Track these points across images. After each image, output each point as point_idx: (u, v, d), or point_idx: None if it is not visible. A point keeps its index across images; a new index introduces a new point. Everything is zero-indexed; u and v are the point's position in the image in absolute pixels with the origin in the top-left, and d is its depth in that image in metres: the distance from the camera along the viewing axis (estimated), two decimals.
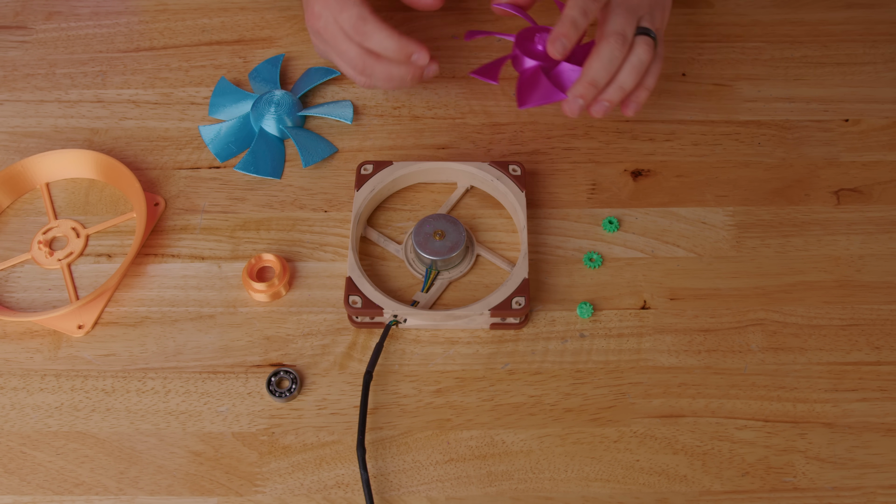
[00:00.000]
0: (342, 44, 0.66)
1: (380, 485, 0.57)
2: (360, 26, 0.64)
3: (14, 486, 0.57)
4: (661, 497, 0.57)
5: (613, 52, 0.62)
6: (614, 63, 0.62)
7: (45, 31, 0.80)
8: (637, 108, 0.65)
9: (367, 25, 0.64)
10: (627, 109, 0.65)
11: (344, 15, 0.65)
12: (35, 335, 0.63)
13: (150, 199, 0.69)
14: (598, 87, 0.62)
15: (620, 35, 0.62)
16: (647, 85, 0.65)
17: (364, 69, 0.66)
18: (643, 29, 0.63)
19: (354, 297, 0.61)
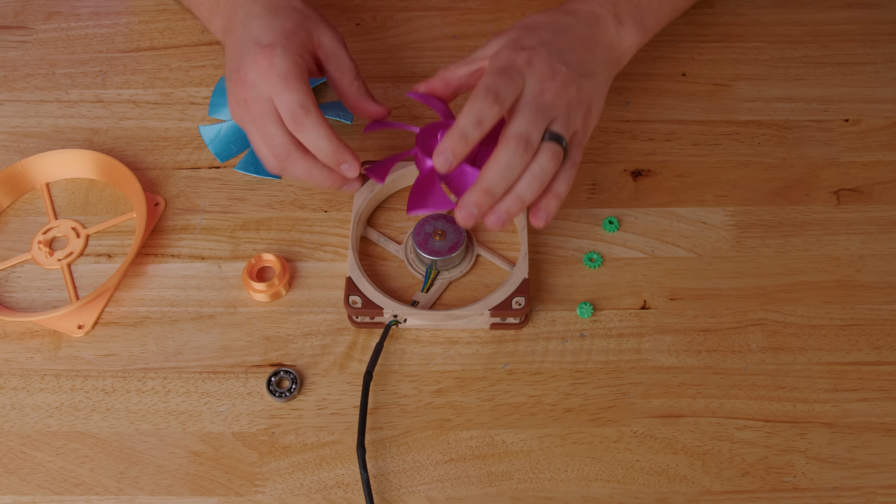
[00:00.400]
0: (270, 126, 0.59)
1: (380, 485, 0.57)
2: (299, 116, 0.58)
3: (14, 486, 0.57)
4: (661, 497, 0.57)
5: (513, 157, 0.54)
6: (513, 170, 0.55)
7: (46, 31, 0.80)
8: (547, 218, 0.57)
9: (307, 118, 0.58)
10: (536, 220, 0.58)
11: (285, 97, 0.58)
12: (35, 335, 0.63)
13: (150, 199, 0.69)
14: (494, 196, 0.55)
15: (523, 139, 0.54)
16: (558, 192, 0.58)
17: (285, 159, 0.60)
18: (553, 134, 0.56)
19: (354, 297, 0.61)
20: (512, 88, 0.56)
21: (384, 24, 0.80)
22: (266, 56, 0.59)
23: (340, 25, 0.80)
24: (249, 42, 0.61)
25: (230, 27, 0.63)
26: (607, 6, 0.64)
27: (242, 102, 0.60)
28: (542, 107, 0.56)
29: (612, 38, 0.64)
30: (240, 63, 0.60)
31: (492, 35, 0.78)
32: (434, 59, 0.78)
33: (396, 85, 0.76)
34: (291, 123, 0.59)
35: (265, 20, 0.61)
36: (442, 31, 0.80)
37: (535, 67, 0.57)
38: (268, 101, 0.59)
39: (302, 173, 0.60)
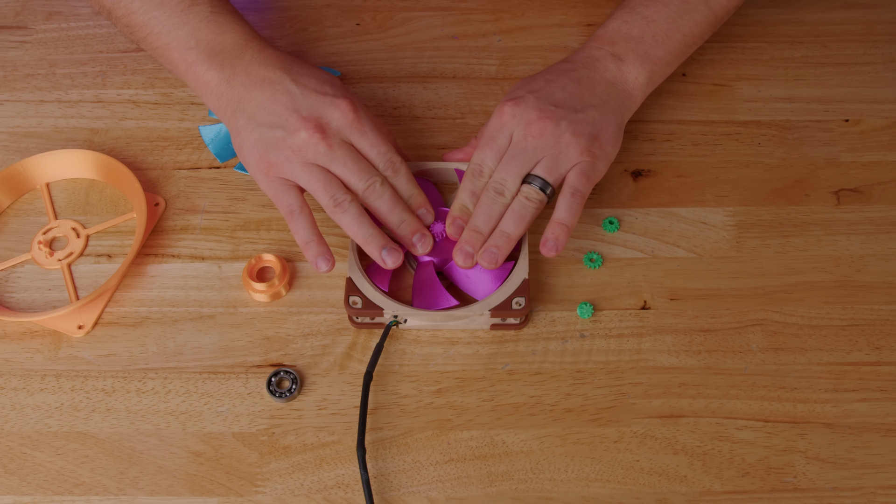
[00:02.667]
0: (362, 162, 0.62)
1: (380, 485, 0.57)
2: (397, 163, 0.63)
3: (14, 486, 0.57)
4: (662, 497, 0.57)
5: (489, 203, 0.62)
6: (493, 212, 0.62)
7: (46, 32, 0.80)
8: (556, 247, 0.61)
9: (402, 165, 0.63)
10: (545, 250, 0.61)
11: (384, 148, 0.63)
12: (35, 335, 0.63)
13: (151, 199, 0.69)
14: (482, 233, 0.62)
15: (496, 186, 0.62)
16: (563, 221, 0.61)
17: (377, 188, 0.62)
18: (534, 177, 0.62)
19: (355, 298, 0.61)
20: (495, 155, 0.63)
21: (384, 24, 0.80)
22: (351, 108, 0.62)
23: (340, 25, 0.80)
24: (314, 94, 0.62)
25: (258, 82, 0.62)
26: (604, 47, 0.68)
27: (323, 147, 0.60)
28: (522, 153, 0.62)
29: (614, 73, 0.67)
30: (310, 113, 0.61)
31: (492, 35, 0.79)
32: (434, 59, 0.78)
33: (396, 85, 0.76)
34: (389, 170, 0.62)
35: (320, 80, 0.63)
36: (442, 31, 0.80)
37: (520, 117, 0.63)
38: (350, 145, 0.62)
39: (388, 203, 0.62)
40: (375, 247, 0.61)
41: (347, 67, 0.77)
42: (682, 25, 0.69)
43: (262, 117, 0.61)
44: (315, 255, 0.60)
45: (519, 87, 0.66)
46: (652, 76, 0.68)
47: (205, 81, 0.65)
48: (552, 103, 0.63)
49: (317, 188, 0.61)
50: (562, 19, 0.80)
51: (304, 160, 0.60)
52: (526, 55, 0.78)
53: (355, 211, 0.61)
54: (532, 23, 0.80)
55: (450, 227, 0.63)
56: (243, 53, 0.64)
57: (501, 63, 0.77)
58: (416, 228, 0.62)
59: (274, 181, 0.61)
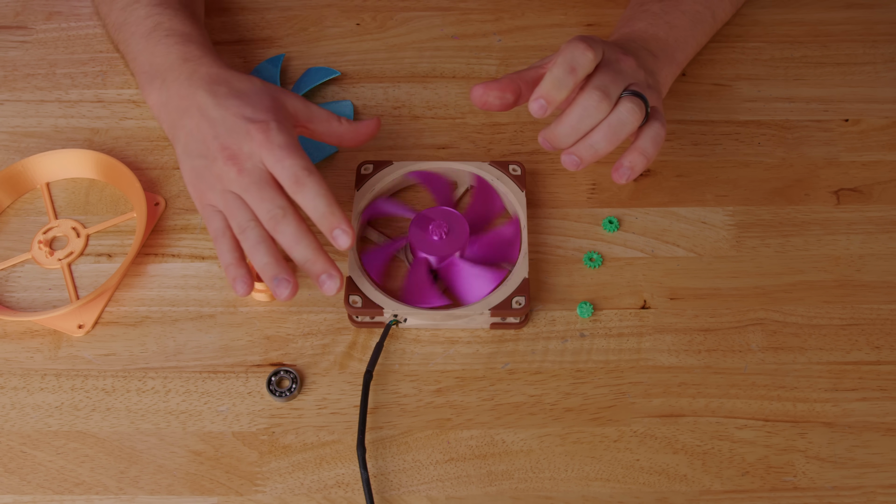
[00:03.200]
0: (268, 190, 0.58)
1: (380, 484, 0.57)
2: (302, 177, 0.57)
3: (14, 485, 0.57)
4: (662, 496, 0.57)
5: (588, 108, 0.56)
6: (586, 120, 0.56)
7: (46, 32, 0.80)
8: (629, 175, 0.58)
9: (310, 177, 0.57)
10: (618, 175, 0.59)
11: (287, 163, 0.58)
12: (35, 335, 0.63)
13: (151, 198, 0.69)
14: (559, 143, 0.58)
15: (602, 90, 0.56)
16: (644, 150, 0.58)
17: (281, 220, 0.57)
18: (634, 91, 0.58)
19: (355, 297, 0.61)
20: (597, 42, 0.57)
21: (384, 24, 0.80)
22: (261, 130, 0.59)
23: (340, 25, 0.80)
24: (234, 118, 0.60)
25: (187, 108, 0.62)
26: (639, 42, 0.66)
27: (234, 174, 0.58)
28: (620, 70, 0.58)
29: (650, 63, 0.65)
30: (227, 142, 0.59)
31: (492, 35, 0.79)
32: (434, 59, 0.78)
33: (396, 85, 0.76)
34: (293, 185, 0.57)
35: (242, 100, 0.61)
36: (442, 31, 0.80)
37: (609, 46, 0.59)
38: (263, 171, 0.58)
39: (291, 238, 0.57)
40: (267, 277, 0.58)
41: (347, 67, 0.77)
42: (696, 34, 0.70)
43: (191, 147, 0.61)
44: (232, 277, 0.58)
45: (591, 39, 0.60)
46: (672, 78, 0.69)
47: (150, 105, 0.66)
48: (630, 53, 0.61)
49: (229, 216, 0.59)
50: (562, 19, 0.80)
51: (223, 188, 0.59)
52: (526, 55, 0.78)
53: (254, 238, 0.58)
54: (532, 23, 0.80)
55: (533, 104, 0.56)
56: (178, 76, 0.63)
57: (501, 63, 0.77)
58: (320, 270, 0.57)
59: (204, 208, 0.61)
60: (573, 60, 0.55)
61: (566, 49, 0.56)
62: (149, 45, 0.66)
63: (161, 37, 0.66)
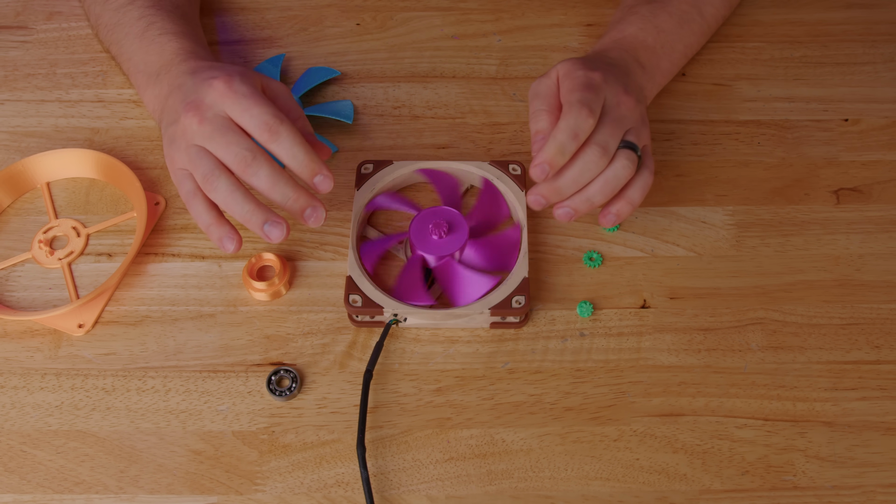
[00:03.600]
0: (231, 135, 0.57)
1: (380, 483, 0.57)
2: (274, 125, 0.56)
3: (14, 484, 0.57)
4: (662, 496, 0.57)
5: (589, 162, 0.58)
6: (586, 174, 0.58)
7: (46, 31, 0.80)
8: (615, 220, 0.60)
9: (282, 126, 0.56)
10: (605, 220, 0.61)
11: (255, 111, 0.56)
12: (35, 334, 0.63)
13: (151, 198, 0.69)
14: (562, 195, 0.59)
15: (602, 146, 0.58)
16: (631, 199, 0.60)
17: (251, 163, 0.56)
18: (628, 143, 0.60)
19: (355, 296, 0.61)
20: (599, 101, 0.59)
21: (384, 24, 0.80)
22: (224, 81, 0.58)
23: (340, 25, 0.80)
24: (199, 80, 0.59)
25: (171, 90, 0.62)
26: (629, 52, 0.68)
27: (195, 125, 0.57)
28: (620, 118, 0.60)
29: (640, 81, 0.67)
30: (191, 97, 0.58)
31: (492, 35, 0.79)
32: (434, 59, 0.78)
33: (396, 85, 0.76)
34: (265, 134, 0.56)
35: (214, 68, 0.61)
36: (442, 31, 0.80)
37: (610, 84, 0.61)
38: (226, 118, 0.57)
39: (267, 180, 0.56)
40: (255, 224, 0.57)
41: (347, 67, 0.77)
42: (683, 35, 0.71)
43: (167, 118, 0.61)
44: (218, 237, 0.58)
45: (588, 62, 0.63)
46: (658, 87, 0.70)
47: (147, 101, 0.67)
48: (627, 84, 0.63)
49: (192, 168, 0.58)
50: (562, 19, 0.80)
51: (186, 144, 0.58)
52: (526, 55, 0.78)
53: (224, 187, 0.56)
54: (532, 23, 0.80)
55: (535, 168, 0.57)
56: (170, 68, 0.64)
57: (501, 63, 0.77)
58: (304, 204, 0.57)
59: (175, 173, 0.60)
60: (577, 127, 0.57)
61: (569, 113, 0.57)
62: (143, 44, 0.67)
63: (155, 35, 0.67)
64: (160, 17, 0.68)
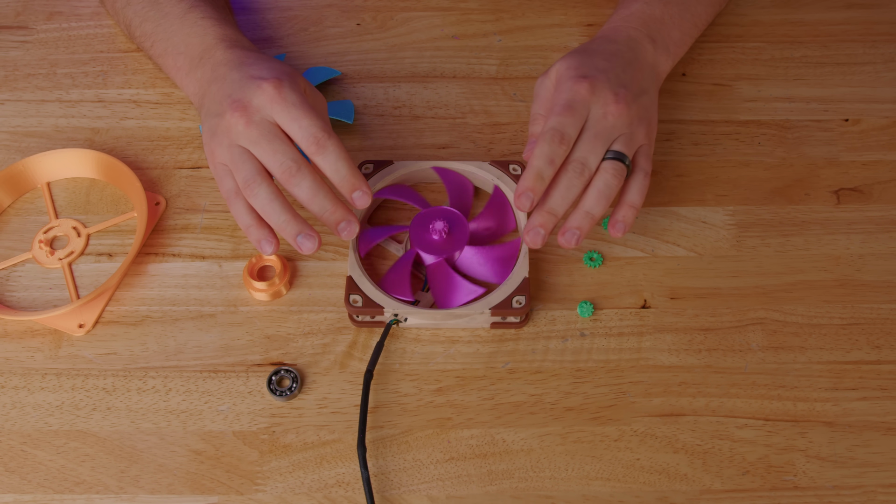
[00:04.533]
0: (278, 143, 0.58)
1: (380, 483, 0.57)
2: (322, 139, 0.58)
3: (15, 484, 0.57)
4: (662, 496, 0.57)
5: (571, 179, 0.59)
6: (572, 190, 0.59)
7: (47, 32, 0.80)
8: (625, 227, 0.61)
9: (330, 140, 0.58)
10: (614, 231, 0.61)
11: (305, 122, 0.58)
12: (36, 334, 0.63)
13: (151, 198, 0.69)
14: (557, 215, 0.60)
15: (579, 163, 0.59)
16: (632, 202, 0.61)
17: (296, 174, 0.58)
18: (615, 153, 0.60)
19: (355, 296, 0.61)
20: (576, 124, 0.60)
21: (385, 24, 0.80)
22: (274, 86, 0.59)
23: (341, 25, 0.80)
24: (247, 79, 0.60)
25: (214, 77, 0.63)
26: (641, 28, 0.68)
27: (241, 126, 0.58)
28: (603, 130, 0.60)
29: (651, 57, 0.67)
30: (238, 96, 0.59)
31: (492, 35, 0.79)
32: (434, 59, 0.78)
33: (397, 85, 0.76)
34: (313, 146, 0.58)
35: (261, 64, 0.62)
36: (442, 31, 0.80)
37: (598, 94, 0.61)
38: (273, 125, 0.59)
39: (309, 191, 0.58)
40: (289, 234, 0.58)
41: (348, 67, 0.77)
42: (690, 5, 0.71)
43: (210, 108, 0.62)
44: (256, 238, 0.59)
45: (583, 65, 0.63)
46: (672, 60, 0.70)
47: (186, 84, 0.67)
48: (622, 84, 0.62)
49: (234, 169, 0.59)
50: (562, 19, 0.80)
51: (230, 142, 0.59)
52: (526, 55, 0.78)
53: (265, 194, 0.58)
54: (532, 23, 0.80)
55: (520, 198, 0.59)
56: (213, 54, 0.65)
57: (501, 63, 0.78)
58: (340, 217, 0.58)
59: (216, 167, 0.61)
60: (551, 154, 0.59)
61: (542, 141, 0.59)
62: (184, 26, 0.67)
63: (197, 19, 0.67)
64: (202, 1, 0.69)
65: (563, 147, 0.59)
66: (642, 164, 0.62)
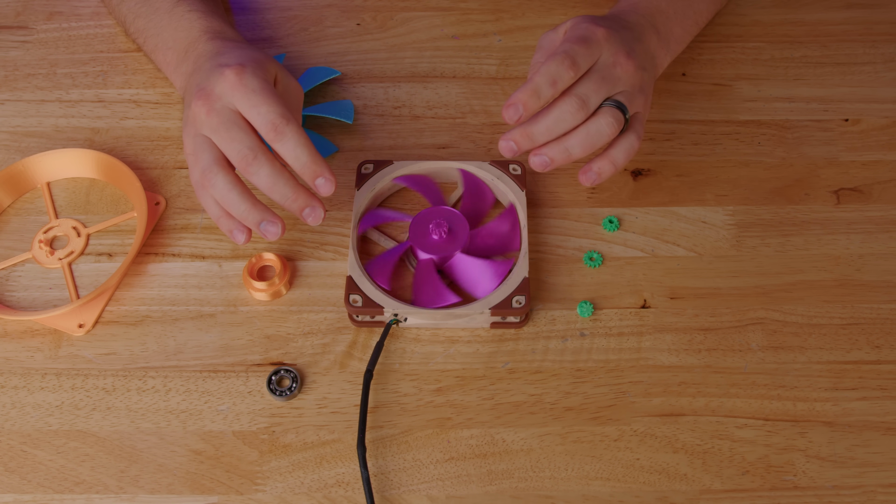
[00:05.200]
0: (236, 131, 0.57)
1: (380, 483, 0.57)
2: (280, 125, 0.56)
3: (15, 484, 0.57)
4: (662, 495, 0.57)
5: (565, 112, 0.57)
6: (561, 124, 0.58)
7: (47, 31, 0.80)
8: (595, 178, 0.59)
9: (288, 126, 0.56)
10: (583, 177, 0.60)
11: (263, 108, 0.56)
12: (36, 334, 0.63)
13: (151, 198, 0.69)
14: (534, 141, 0.58)
15: (581, 98, 0.57)
16: (614, 159, 0.60)
17: (252, 162, 0.56)
18: (617, 101, 0.59)
19: (355, 296, 0.61)
20: (588, 57, 0.58)
21: (384, 24, 0.80)
22: (235, 72, 0.57)
23: (341, 25, 0.80)
24: (214, 66, 0.59)
25: (194, 70, 0.63)
26: (646, 17, 0.67)
27: (203, 114, 0.57)
28: (611, 77, 0.59)
29: (655, 47, 0.66)
30: (204, 84, 0.58)
31: (492, 35, 0.79)
32: (434, 59, 0.78)
33: (397, 85, 0.76)
34: (270, 133, 0.56)
35: (232, 52, 0.61)
36: (442, 31, 0.80)
37: (612, 43, 0.60)
38: (233, 112, 0.57)
39: (267, 179, 0.57)
40: (252, 222, 0.57)
41: (348, 67, 0.77)
42: (693, 2, 0.71)
43: (186, 99, 0.62)
44: (228, 229, 0.58)
45: (600, 20, 0.62)
46: (672, 57, 0.69)
47: (174, 78, 0.67)
48: (632, 48, 0.62)
49: (195, 159, 0.58)
50: (562, 19, 0.80)
51: (195, 132, 0.59)
52: (526, 55, 0.78)
53: (223, 184, 0.57)
54: (532, 23, 0.80)
55: (508, 109, 0.57)
56: (197, 46, 0.65)
57: (501, 63, 0.78)
58: (303, 203, 0.57)
59: (187, 157, 0.60)
60: (556, 74, 0.57)
61: (551, 61, 0.57)
62: (172, 20, 0.67)
63: (184, 12, 0.67)
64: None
65: (571, 73, 0.57)
66: (636, 128, 0.61)
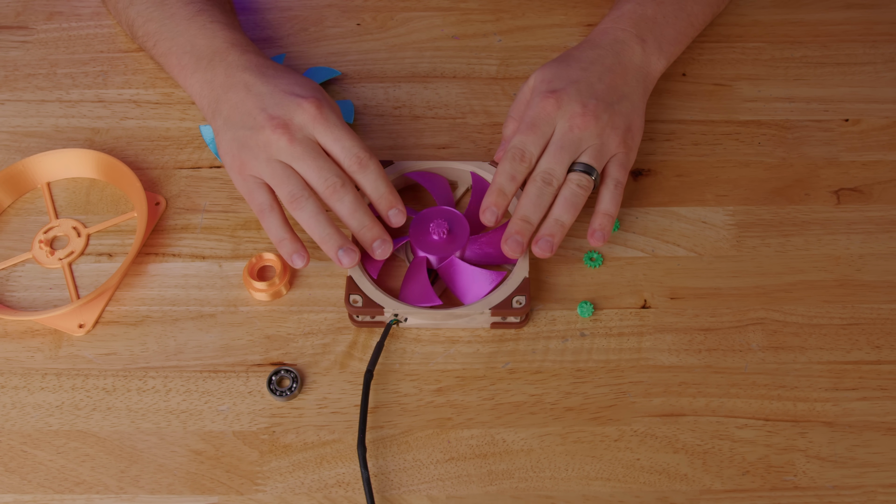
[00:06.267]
0: (322, 161, 0.61)
1: (380, 483, 0.57)
2: (364, 159, 0.61)
3: (15, 484, 0.57)
4: (662, 496, 0.57)
5: (539, 189, 0.61)
6: (543, 199, 0.61)
7: (47, 32, 0.80)
8: (603, 236, 0.62)
9: (371, 160, 0.61)
10: (593, 240, 0.63)
11: (347, 143, 0.61)
12: (36, 334, 0.63)
13: (151, 198, 0.69)
14: (531, 222, 0.61)
15: (546, 173, 0.61)
16: (607, 211, 0.63)
17: (339, 188, 0.60)
18: (582, 165, 0.62)
19: (355, 296, 0.61)
20: (538, 141, 0.63)
21: (385, 25, 0.80)
22: (315, 106, 0.61)
23: (341, 26, 0.80)
24: (282, 94, 0.62)
25: (231, 84, 0.64)
26: (629, 28, 0.68)
27: (284, 143, 0.60)
28: (570, 143, 0.62)
29: (640, 58, 0.68)
30: (276, 112, 0.61)
31: (492, 35, 0.79)
32: (434, 59, 0.78)
33: (397, 85, 0.76)
34: (355, 165, 0.61)
35: (287, 77, 0.64)
36: (442, 32, 0.80)
37: (565, 108, 0.63)
38: (314, 142, 0.61)
39: (350, 206, 0.60)
40: (331, 247, 0.60)
41: (348, 67, 0.77)
42: (685, 4, 0.72)
43: (235, 118, 0.63)
44: (289, 252, 0.61)
45: (557, 78, 0.65)
46: (665, 57, 0.70)
47: (191, 83, 0.67)
48: (592, 96, 0.64)
49: (276, 184, 0.61)
50: (562, 19, 0.80)
51: (268, 157, 0.61)
52: (526, 55, 0.78)
53: (311, 208, 0.60)
54: (532, 23, 0.80)
55: (485, 213, 0.62)
56: (226, 57, 0.66)
57: (501, 63, 0.78)
58: (376, 235, 0.61)
59: (246, 179, 0.62)
60: (512, 171, 0.62)
61: (505, 160, 0.62)
62: (191, 27, 0.68)
63: (206, 21, 0.68)
64: (209, 4, 0.70)
65: (524, 164, 0.62)
66: (613, 174, 0.64)
